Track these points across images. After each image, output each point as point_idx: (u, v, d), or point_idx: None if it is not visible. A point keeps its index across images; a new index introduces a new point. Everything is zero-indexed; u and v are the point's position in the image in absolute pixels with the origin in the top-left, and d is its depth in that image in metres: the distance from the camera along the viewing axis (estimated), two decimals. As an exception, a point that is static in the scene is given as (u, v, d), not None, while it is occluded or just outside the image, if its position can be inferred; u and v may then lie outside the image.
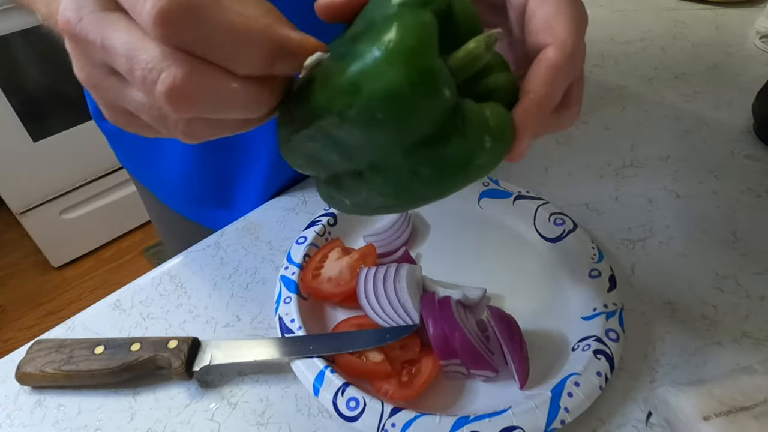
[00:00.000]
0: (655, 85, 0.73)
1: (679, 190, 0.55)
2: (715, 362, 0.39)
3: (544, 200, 0.49)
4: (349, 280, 0.42)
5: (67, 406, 0.38)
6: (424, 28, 0.21)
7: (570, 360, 0.38)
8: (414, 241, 0.50)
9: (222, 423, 0.37)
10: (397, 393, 0.36)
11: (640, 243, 0.49)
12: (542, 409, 0.33)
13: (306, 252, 0.45)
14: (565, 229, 0.47)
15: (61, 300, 1.66)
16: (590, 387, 0.35)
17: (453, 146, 0.23)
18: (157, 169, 0.59)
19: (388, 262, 0.44)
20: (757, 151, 0.60)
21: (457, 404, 0.37)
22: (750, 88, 0.69)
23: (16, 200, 1.51)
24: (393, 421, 0.33)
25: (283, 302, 0.41)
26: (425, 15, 0.21)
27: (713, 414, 0.32)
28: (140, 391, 0.39)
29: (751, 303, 0.44)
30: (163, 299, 0.45)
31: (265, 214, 0.53)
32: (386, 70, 0.20)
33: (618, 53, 0.81)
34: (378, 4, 0.23)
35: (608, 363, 0.36)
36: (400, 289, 0.40)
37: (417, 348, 0.38)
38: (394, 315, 0.39)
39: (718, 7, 0.94)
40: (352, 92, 0.21)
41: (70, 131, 1.49)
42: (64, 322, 0.44)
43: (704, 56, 0.79)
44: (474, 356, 0.36)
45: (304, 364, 0.37)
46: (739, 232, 0.50)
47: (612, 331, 0.38)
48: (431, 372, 0.37)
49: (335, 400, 0.34)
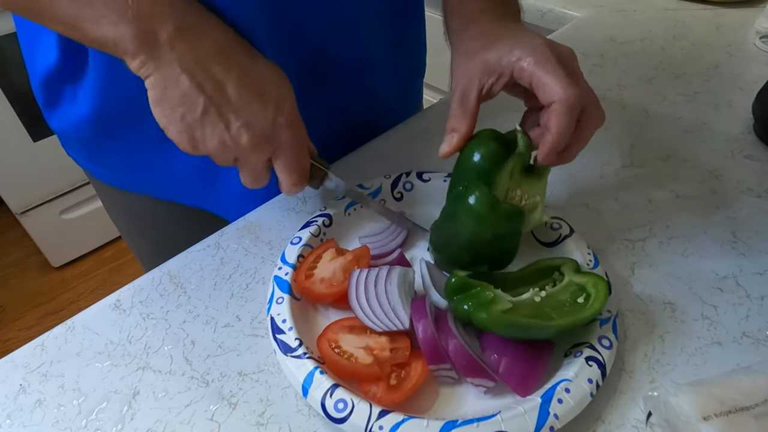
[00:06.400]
0: (655, 85, 0.73)
1: (679, 190, 0.55)
2: (715, 362, 0.39)
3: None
4: (341, 281, 0.42)
5: (67, 406, 0.38)
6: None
7: (561, 366, 0.37)
8: (410, 243, 0.50)
9: (222, 423, 0.37)
10: (385, 396, 0.36)
11: (640, 243, 0.49)
12: (531, 415, 0.33)
13: (300, 252, 0.45)
14: (561, 233, 0.47)
15: (61, 300, 1.66)
16: (581, 394, 0.35)
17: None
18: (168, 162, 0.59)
19: (382, 264, 0.44)
20: (757, 151, 0.60)
21: (446, 408, 0.37)
22: (750, 88, 0.69)
23: (16, 200, 1.51)
24: (381, 424, 0.33)
25: (276, 302, 0.41)
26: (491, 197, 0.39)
27: (713, 414, 0.32)
28: (140, 391, 0.39)
29: (751, 303, 0.44)
30: (163, 299, 0.45)
31: (265, 214, 0.53)
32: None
33: (618, 53, 0.81)
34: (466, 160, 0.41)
35: (600, 370, 0.36)
36: (391, 291, 0.40)
37: (407, 352, 0.38)
38: (383, 317, 0.39)
39: (718, 7, 0.94)
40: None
41: (70, 131, 1.49)
42: (64, 322, 0.44)
43: (704, 56, 0.79)
44: (470, 364, 0.36)
45: (294, 365, 0.37)
46: (739, 232, 0.50)
47: (605, 338, 0.38)
48: (420, 376, 0.37)
49: (324, 401, 0.35)
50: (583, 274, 0.40)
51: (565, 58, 0.40)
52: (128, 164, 0.58)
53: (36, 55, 0.54)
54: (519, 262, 0.43)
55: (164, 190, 0.61)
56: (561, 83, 0.38)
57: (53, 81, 0.53)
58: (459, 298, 0.38)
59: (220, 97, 0.38)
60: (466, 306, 0.37)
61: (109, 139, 0.56)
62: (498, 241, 0.40)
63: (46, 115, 0.58)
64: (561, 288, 0.40)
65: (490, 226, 0.39)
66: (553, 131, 0.38)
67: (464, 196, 0.39)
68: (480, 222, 0.39)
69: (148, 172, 0.58)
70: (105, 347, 0.42)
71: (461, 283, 0.38)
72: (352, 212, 0.51)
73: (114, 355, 0.41)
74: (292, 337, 0.38)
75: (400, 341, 0.39)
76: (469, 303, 0.37)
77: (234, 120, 0.38)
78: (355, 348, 0.38)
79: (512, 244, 0.42)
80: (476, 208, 0.38)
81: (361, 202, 0.51)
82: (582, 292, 0.38)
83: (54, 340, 0.42)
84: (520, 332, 0.36)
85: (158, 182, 0.60)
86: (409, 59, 0.67)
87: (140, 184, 0.61)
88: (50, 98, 0.55)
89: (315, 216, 0.49)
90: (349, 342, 0.39)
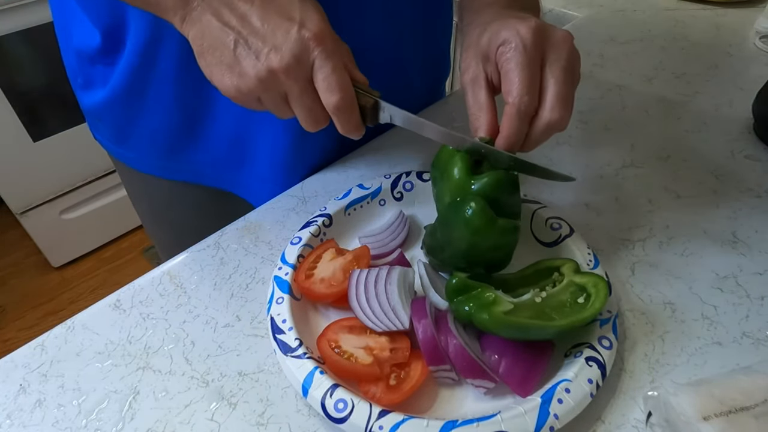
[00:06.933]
0: (655, 85, 0.73)
1: (679, 190, 0.55)
2: (715, 362, 0.39)
3: (540, 204, 0.49)
4: (341, 281, 0.42)
5: (67, 406, 0.38)
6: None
7: (561, 366, 0.37)
8: (410, 243, 0.50)
9: (222, 423, 0.37)
10: (384, 397, 0.36)
11: (640, 243, 0.49)
12: (531, 415, 0.33)
13: (300, 252, 0.45)
14: (561, 233, 0.47)
15: (61, 300, 1.66)
16: (581, 394, 0.35)
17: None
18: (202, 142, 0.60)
19: (382, 264, 0.44)
20: (757, 151, 0.60)
21: (445, 409, 0.37)
22: (750, 88, 0.69)
23: (16, 200, 1.50)
24: (380, 424, 0.33)
25: (276, 302, 0.41)
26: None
27: (713, 414, 0.32)
28: (140, 391, 0.39)
29: (751, 303, 0.44)
30: (163, 299, 0.45)
31: (265, 214, 0.53)
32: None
33: (618, 53, 0.81)
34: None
35: (600, 370, 0.36)
36: (391, 291, 0.40)
37: (407, 352, 0.38)
38: (383, 317, 0.39)
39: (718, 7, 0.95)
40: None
41: (69, 131, 1.49)
42: (64, 322, 0.44)
43: (704, 56, 0.79)
44: (470, 365, 0.36)
45: (294, 365, 0.37)
46: (739, 232, 0.50)
47: (605, 338, 0.38)
48: (420, 377, 0.37)
49: (324, 401, 0.35)
50: (583, 274, 0.40)
51: (554, 44, 0.40)
52: (154, 146, 0.60)
53: (73, 35, 0.56)
54: (519, 262, 0.43)
55: (189, 173, 0.62)
56: (520, 86, 0.38)
57: (90, 61, 0.56)
58: (460, 299, 0.38)
59: (246, 29, 0.38)
60: (467, 307, 0.37)
61: (136, 120, 0.58)
62: (493, 251, 0.41)
63: (78, 95, 0.61)
64: (561, 288, 0.40)
65: (486, 239, 0.39)
66: (503, 134, 0.39)
67: (461, 208, 0.39)
68: (476, 235, 0.39)
69: (174, 153, 0.60)
70: (105, 347, 0.42)
71: (462, 284, 0.38)
72: (352, 212, 0.51)
73: (114, 355, 0.41)
74: (292, 337, 0.38)
75: (400, 341, 0.39)
76: (470, 304, 0.37)
77: (262, 47, 0.38)
78: (355, 348, 0.38)
79: (508, 251, 0.42)
80: (473, 221, 0.38)
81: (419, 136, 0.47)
82: (582, 292, 0.38)
83: (54, 340, 0.42)
84: (521, 333, 0.36)
85: (184, 164, 0.61)
86: (437, 61, 0.68)
87: (165, 167, 0.62)
88: (86, 78, 0.58)
89: (315, 216, 0.49)
90: (349, 342, 0.39)
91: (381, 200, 0.52)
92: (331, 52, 0.39)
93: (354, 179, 0.56)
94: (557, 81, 0.39)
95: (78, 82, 0.60)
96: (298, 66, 0.38)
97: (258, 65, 0.38)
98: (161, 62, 0.51)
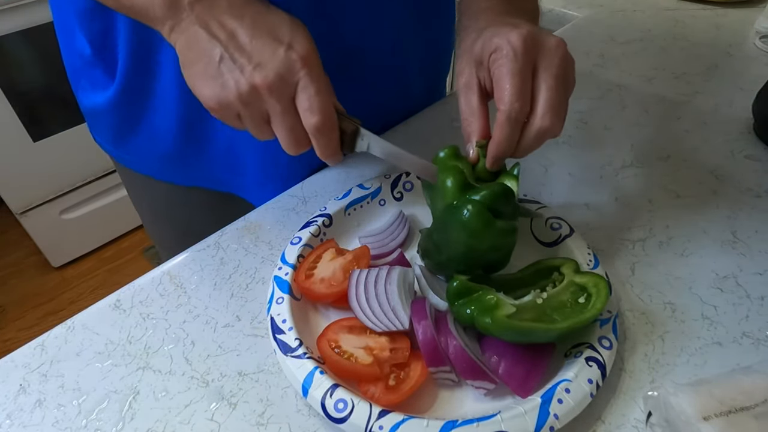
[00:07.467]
0: (655, 85, 0.73)
1: (679, 190, 0.55)
2: (715, 362, 0.39)
3: (541, 204, 0.49)
4: (341, 281, 0.42)
5: (67, 406, 0.38)
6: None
7: (562, 366, 0.37)
8: (410, 243, 0.50)
9: (222, 423, 0.37)
10: (384, 397, 0.36)
11: (640, 243, 0.49)
12: (531, 415, 0.33)
13: (300, 252, 0.45)
14: (561, 233, 0.47)
15: (61, 300, 1.66)
16: (581, 394, 0.35)
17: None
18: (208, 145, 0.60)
19: (382, 264, 0.44)
20: (757, 151, 0.60)
21: (446, 408, 0.37)
22: (750, 88, 0.69)
23: (16, 200, 1.50)
24: (380, 424, 0.33)
25: (276, 302, 0.41)
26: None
27: (713, 414, 0.32)
28: (140, 391, 0.39)
29: (751, 303, 0.44)
30: (163, 299, 0.45)
31: (265, 214, 0.53)
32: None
33: (618, 53, 0.81)
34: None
35: (600, 370, 0.36)
36: (391, 292, 0.40)
37: (407, 352, 0.38)
38: (383, 318, 0.39)
39: (718, 7, 0.95)
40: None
41: (69, 131, 1.49)
42: (64, 322, 0.44)
43: (704, 56, 0.79)
44: (470, 367, 0.36)
45: (294, 365, 0.37)
46: (739, 232, 0.50)
47: (605, 338, 0.38)
48: (419, 378, 0.37)
49: (324, 401, 0.35)
50: (583, 274, 0.40)
51: (546, 51, 0.40)
52: (154, 150, 0.60)
53: (74, 39, 0.56)
54: (519, 262, 0.43)
55: (189, 176, 0.62)
56: (511, 93, 0.38)
57: (90, 64, 0.56)
58: (461, 302, 0.37)
59: (233, 44, 0.38)
60: (469, 310, 0.36)
61: (136, 124, 0.58)
62: (491, 252, 0.40)
63: (79, 97, 0.62)
64: (561, 288, 0.39)
65: (484, 241, 0.39)
66: (494, 140, 0.40)
67: (458, 211, 0.39)
68: (473, 237, 0.38)
69: (171, 158, 0.60)
70: (105, 347, 0.42)
71: (463, 287, 0.38)
72: (352, 212, 0.51)
73: (114, 355, 0.41)
74: (292, 337, 0.38)
75: (399, 341, 0.39)
76: (471, 307, 0.36)
77: (247, 63, 0.38)
78: (355, 348, 0.38)
79: (506, 253, 0.42)
80: (470, 224, 0.38)
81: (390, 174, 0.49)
82: (583, 292, 0.38)
83: (54, 340, 0.42)
84: (524, 337, 0.36)
85: (184, 168, 0.61)
86: (438, 62, 0.68)
87: (164, 170, 0.62)
88: (86, 80, 0.58)
89: (315, 216, 0.49)
90: (349, 342, 0.39)
91: (381, 200, 0.52)
92: (316, 75, 0.39)
93: (354, 179, 0.56)
94: (549, 88, 0.39)
95: (79, 84, 0.60)
96: (282, 84, 0.38)
97: (241, 80, 0.38)
98: (159, 68, 0.52)
